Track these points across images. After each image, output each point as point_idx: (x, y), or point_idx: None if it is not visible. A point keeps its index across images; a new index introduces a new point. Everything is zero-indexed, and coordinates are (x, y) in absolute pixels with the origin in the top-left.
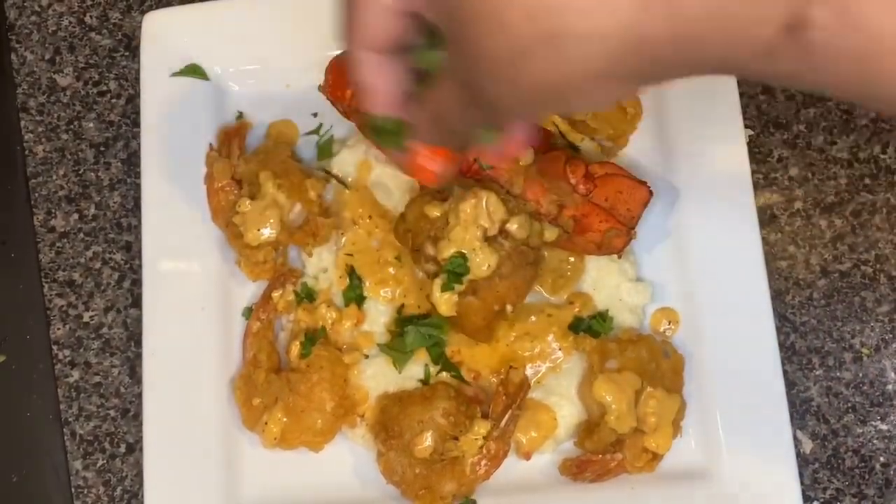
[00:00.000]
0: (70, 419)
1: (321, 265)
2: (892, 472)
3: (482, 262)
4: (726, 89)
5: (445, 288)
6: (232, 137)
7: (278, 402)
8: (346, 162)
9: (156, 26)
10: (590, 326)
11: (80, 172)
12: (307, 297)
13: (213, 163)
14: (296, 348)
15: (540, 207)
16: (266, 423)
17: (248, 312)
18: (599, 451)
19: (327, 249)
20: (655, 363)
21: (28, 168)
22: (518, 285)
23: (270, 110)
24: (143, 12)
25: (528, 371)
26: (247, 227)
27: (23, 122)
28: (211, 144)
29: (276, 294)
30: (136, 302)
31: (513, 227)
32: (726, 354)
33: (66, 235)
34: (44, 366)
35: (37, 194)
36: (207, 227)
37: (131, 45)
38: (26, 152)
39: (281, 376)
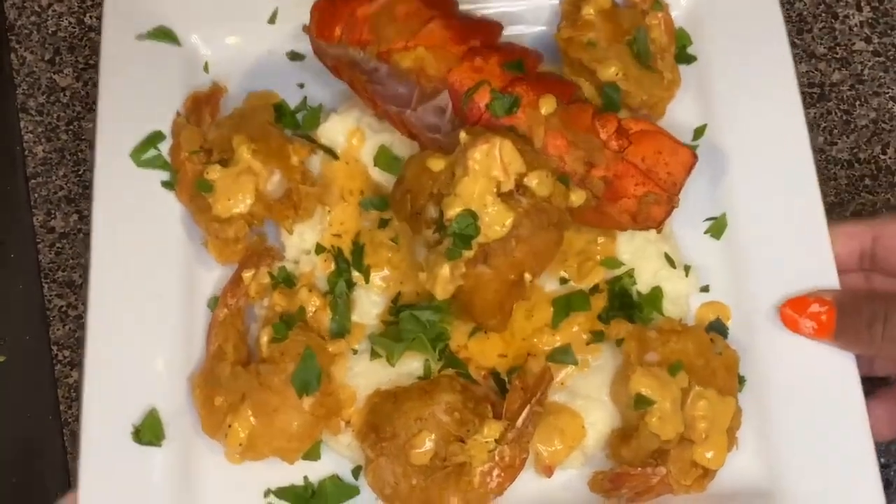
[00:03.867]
0: (70, 419)
1: (303, 246)
2: None
3: (495, 221)
4: (777, 46)
5: (451, 255)
6: (203, 104)
7: (245, 400)
8: (334, 130)
9: None
10: (625, 315)
11: (80, 173)
12: (285, 282)
13: (181, 130)
14: (268, 333)
15: (564, 165)
16: (230, 426)
17: (215, 303)
18: (638, 462)
19: (311, 228)
20: (705, 359)
21: (28, 168)
22: (539, 250)
23: (249, 80)
24: None
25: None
26: (216, 198)
27: (22, 123)
28: (178, 111)
29: (247, 274)
30: None
31: (532, 181)
32: (790, 353)
33: (65, 236)
34: (44, 366)
35: (36, 195)
36: (171, 204)
37: None
38: (26, 153)
39: (249, 369)
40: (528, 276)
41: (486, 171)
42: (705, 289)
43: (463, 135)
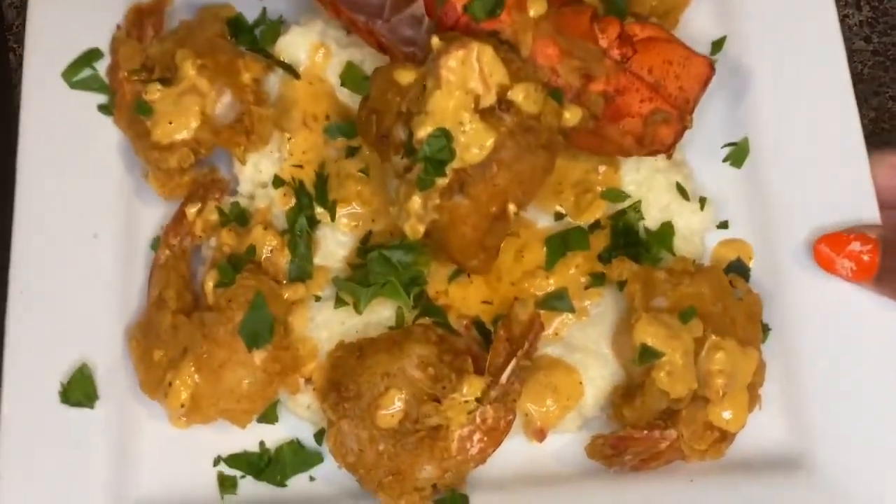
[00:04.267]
0: None
1: (258, 179)
2: None
3: (473, 142)
4: None
5: (423, 184)
6: (146, 16)
7: (187, 354)
8: (295, 44)
9: None
10: (630, 254)
11: None
12: (237, 219)
13: (119, 46)
14: (213, 278)
15: (556, 78)
16: (170, 385)
17: (158, 243)
18: (644, 424)
19: (268, 157)
20: (723, 305)
21: None
22: (525, 177)
23: None
24: None
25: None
26: (156, 121)
27: None
28: (118, 25)
29: (191, 210)
30: None
31: (518, 95)
32: (823, 299)
33: None
34: None
35: None
36: (108, 131)
37: None
38: None
39: (192, 319)
40: (512, 208)
41: (463, 83)
42: (723, 225)
43: (435, 40)
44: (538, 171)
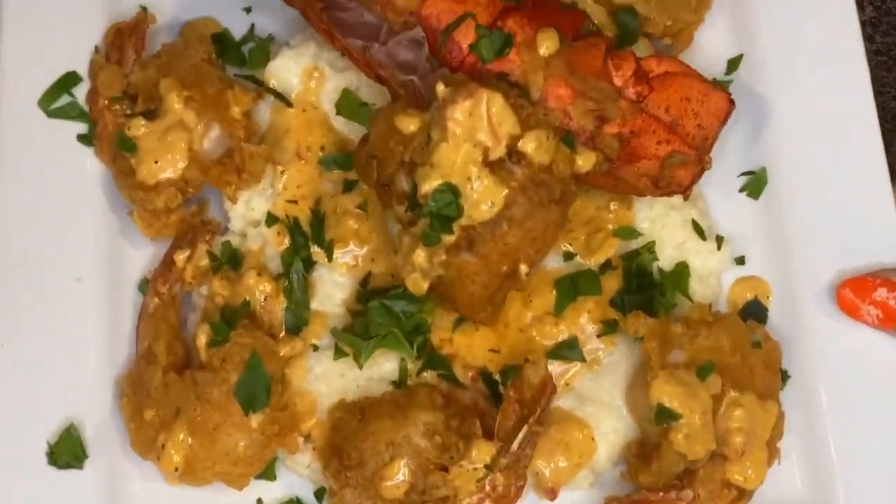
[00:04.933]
0: None
1: (250, 217)
2: None
3: (482, 198)
4: None
5: (428, 240)
6: (126, 37)
7: (180, 415)
8: (287, 69)
9: None
10: (644, 299)
11: None
12: (229, 261)
13: (99, 71)
14: (205, 333)
15: (569, 121)
16: (163, 447)
17: (146, 285)
18: (660, 486)
19: (259, 193)
20: (741, 355)
21: None
22: (537, 234)
23: (185, 5)
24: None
25: (554, 369)
26: (140, 159)
27: None
28: (97, 47)
29: (180, 256)
30: None
31: (528, 146)
32: (846, 345)
33: None
34: None
35: None
36: (89, 163)
37: None
38: None
39: (185, 377)
40: (524, 268)
41: (470, 135)
42: (740, 260)
43: (440, 87)
44: (551, 228)
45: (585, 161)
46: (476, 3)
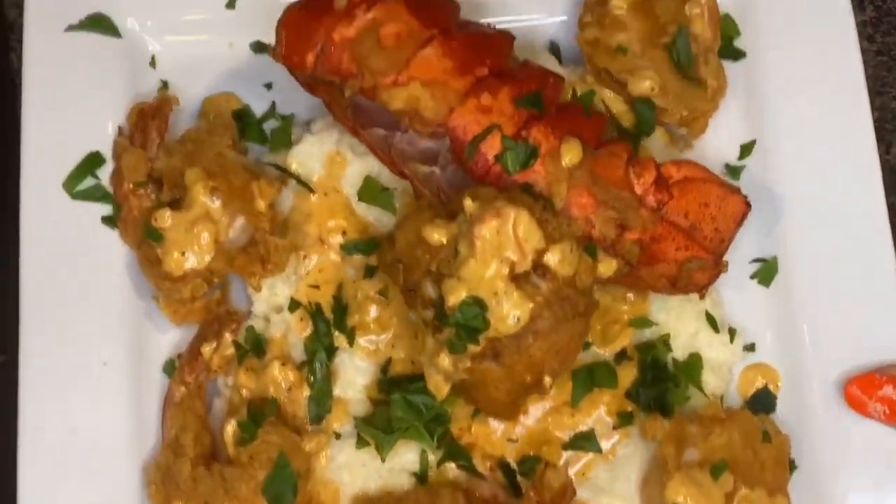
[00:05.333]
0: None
1: (274, 301)
2: None
3: (508, 313)
4: (842, 40)
5: (454, 348)
6: (150, 118)
7: None
8: (309, 154)
9: None
10: (659, 391)
11: None
12: (253, 348)
13: (123, 154)
14: (233, 429)
15: (591, 229)
16: None
17: (171, 367)
18: None
19: (283, 279)
20: (752, 451)
21: None
22: (561, 347)
23: (206, 80)
24: None
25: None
26: (167, 250)
27: None
28: (120, 128)
29: (207, 349)
30: None
31: (553, 259)
32: (853, 437)
33: None
34: None
35: None
36: (114, 245)
37: None
38: None
39: (213, 472)
40: (548, 380)
41: (497, 252)
42: (750, 347)
43: (468, 202)
44: (575, 340)
45: (606, 268)
46: (501, 113)
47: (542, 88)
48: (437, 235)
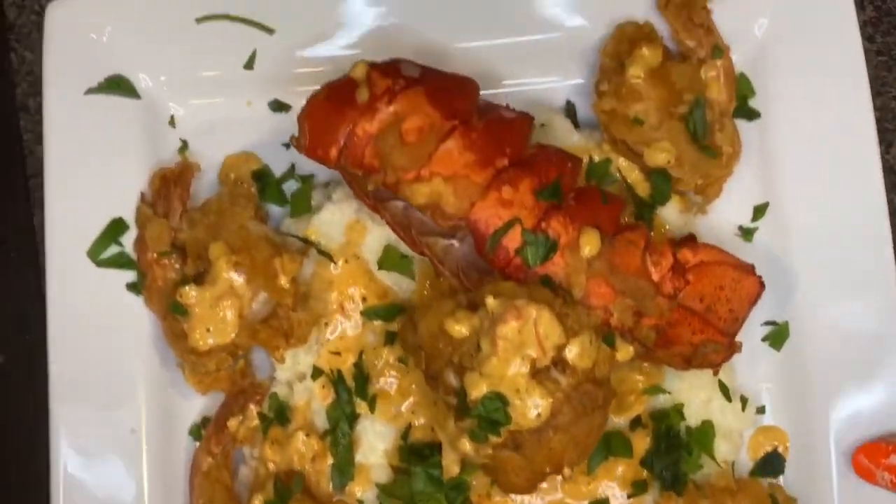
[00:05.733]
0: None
1: (297, 369)
2: None
3: (529, 409)
4: (856, 104)
5: (476, 438)
6: (172, 186)
7: None
8: (330, 223)
9: (63, 23)
10: (672, 459)
11: None
12: (277, 416)
13: (146, 223)
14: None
15: (609, 318)
16: None
17: (197, 431)
18: None
19: (305, 347)
20: None
21: (27, 168)
22: (581, 440)
23: (225, 139)
24: None
25: None
26: (192, 326)
27: (22, 122)
28: (143, 194)
29: (233, 421)
30: None
31: (572, 353)
32: (861, 502)
33: None
34: (43, 366)
35: (36, 194)
36: (139, 312)
37: None
38: (26, 152)
39: None
40: (567, 471)
41: (519, 350)
42: (761, 409)
43: (490, 300)
44: (594, 431)
45: (624, 354)
46: (522, 205)
47: (560, 176)
48: (459, 328)
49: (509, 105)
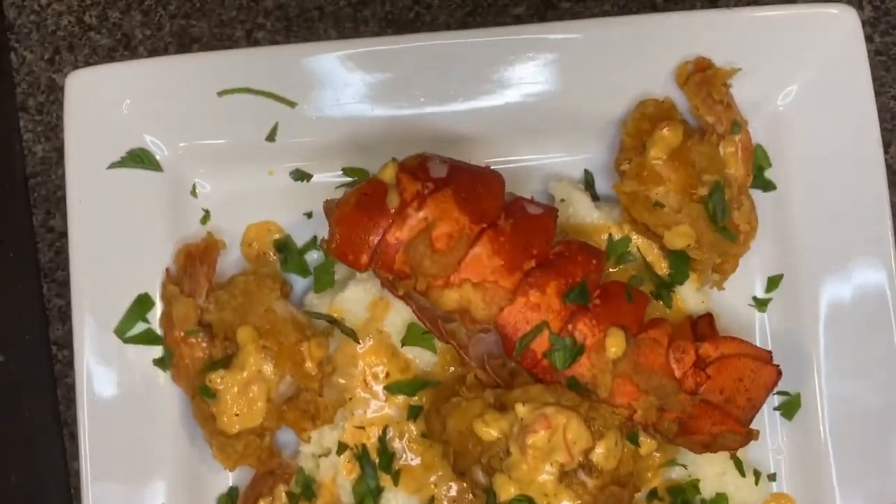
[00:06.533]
0: (69, 420)
1: (322, 444)
2: None
3: None
4: (872, 182)
5: None
6: (197, 263)
7: None
8: (354, 301)
9: (86, 92)
10: None
11: None
12: (304, 493)
13: (172, 301)
14: None
15: (633, 413)
16: None
17: (226, 501)
18: None
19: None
20: None
21: (27, 168)
22: None
23: (247, 208)
24: (143, 12)
25: None
26: (221, 410)
27: (22, 122)
28: (168, 270)
29: (263, 502)
30: None
31: (598, 454)
32: None
33: (65, 235)
34: (43, 366)
35: (36, 194)
36: (167, 387)
37: (131, 45)
38: (25, 152)
39: None
40: None
41: (548, 457)
42: (772, 477)
43: (520, 408)
44: None
45: (647, 449)
46: (549, 309)
47: (585, 274)
48: (489, 430)
49: (534, 198)
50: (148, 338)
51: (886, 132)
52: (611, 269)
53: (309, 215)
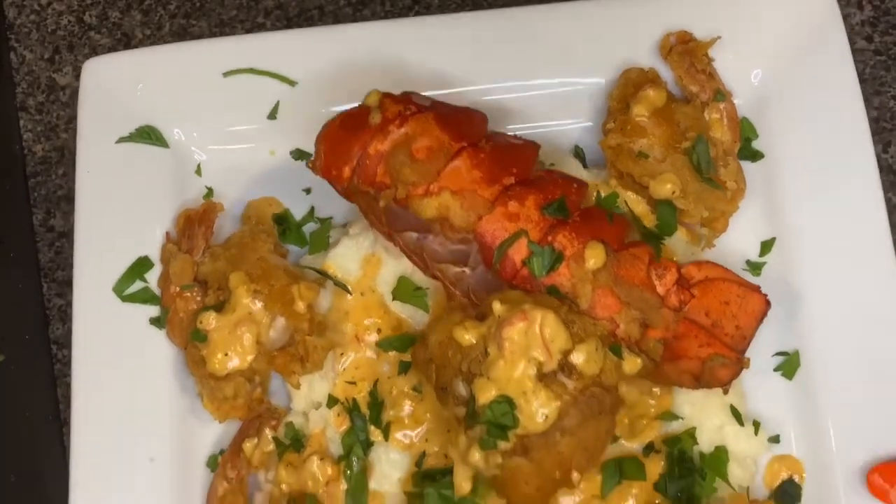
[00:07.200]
0: (69, 420)
1: (312, 398)
2: None
3: (536, 411)
4: (856, 142)
5: (485, 444)
6: (196, 225)
7: None
8: (347, 256)
9: (98, 77)
10: (686, 483)
11: None
12: (293, 443)
13: (170, 259)
14: None
15: (616, 328)
16: None
17: (215, 462)
18: None
19: (321, 376)
20: None
21: (27, 167)
22: (588, 444)
23: (249, 185)
24: (143, 12)
25: None
26: (211, 351)
27: (22, 122)
28: (168, 234)
29: (248, 445)
30: None
31: (579, 358)
32: None
33: (65, 235)
34: (43, 365)
35: (36, 194)
36: (161, 345)
37: (131, 45)
38: (25, 151)
39: None
40: (576, 476)
41: (525, 352)
42: (775, 439)
43: (497, 305)
44: (602, 435)
45: (631, 367)
46: (528, 219)
47: (566, 195)
48: (468, 336)
49: (517, 135)
50: (145, 297)
51: (886, 132)
52: None
53: (307, 191)
